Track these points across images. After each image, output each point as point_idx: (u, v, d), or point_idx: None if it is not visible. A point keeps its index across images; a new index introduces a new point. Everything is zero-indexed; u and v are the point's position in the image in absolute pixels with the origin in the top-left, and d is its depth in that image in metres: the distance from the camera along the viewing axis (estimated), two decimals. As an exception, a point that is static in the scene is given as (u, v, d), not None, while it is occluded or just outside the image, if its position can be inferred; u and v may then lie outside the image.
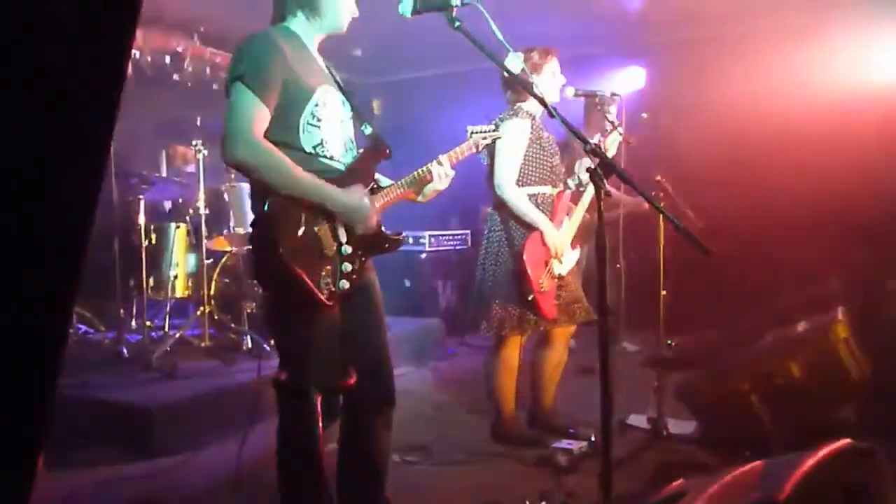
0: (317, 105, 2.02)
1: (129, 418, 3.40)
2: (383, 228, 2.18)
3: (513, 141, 3.20)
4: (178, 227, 4.66)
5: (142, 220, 4.49)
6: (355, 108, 2.25)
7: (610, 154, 3.56)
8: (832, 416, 3.02)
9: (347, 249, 2.06)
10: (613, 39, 6.40)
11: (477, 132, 2.38)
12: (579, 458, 3.08)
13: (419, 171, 2.24)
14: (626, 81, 5.41)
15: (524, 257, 3.16)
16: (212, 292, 4.51)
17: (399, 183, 2.22)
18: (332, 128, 2.07)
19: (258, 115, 1.90)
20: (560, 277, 3.32)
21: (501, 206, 3.28)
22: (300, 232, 1.94)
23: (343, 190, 2.02)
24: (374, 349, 2.24)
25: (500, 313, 3.24)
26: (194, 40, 5.56)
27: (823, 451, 2.03)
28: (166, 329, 4.71)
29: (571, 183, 3.44)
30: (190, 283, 4.66)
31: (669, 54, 6.17)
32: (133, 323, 4.75)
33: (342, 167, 2.10)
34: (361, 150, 2.19)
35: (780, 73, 5.53)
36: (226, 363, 4.12)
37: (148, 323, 4.59)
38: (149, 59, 5.31)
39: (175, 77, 5.50)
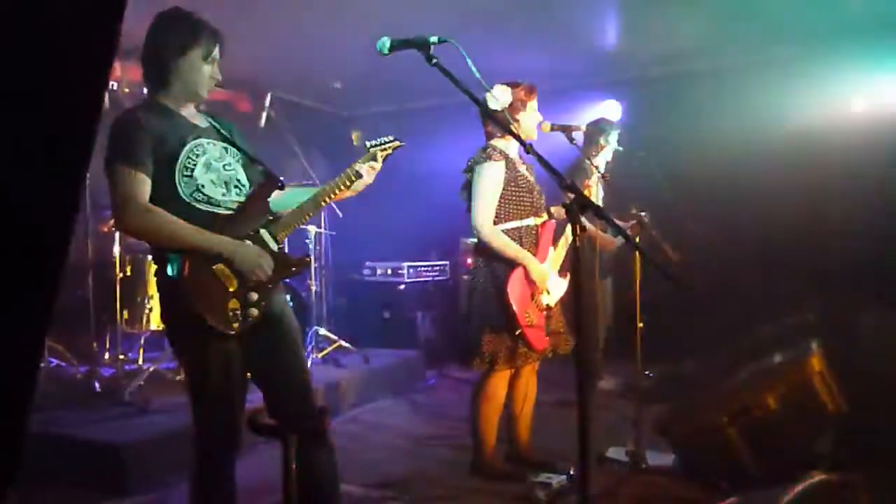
0: (188, 157, 2.17)
1: (101, 455, 3.32)
2: (286, 253, 2.33)
3: (486, 184, 3.21)
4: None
5: (116, 251, 4.45)
6: (244, 152, 2.38)
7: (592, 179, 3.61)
8: (809, 448, 3.04)
9: (251, 284, 2.17)
10: (590, 74, 6.51)
11: (375, 146, 2.50)
12: (558, 492, 3.06)
13: (341, 177, 2.37)
14: (602, 115, 5.49)
15: (508, 292, 3.15)
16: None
17: (306, 205, 2.34)
18: (208, 174, 2.21)
19: (136, 183, 2.07)
20: (548, 308, 3.32)
21: (483, 245, 3.28)
22: (199, 273, 2.08)
23: (238, 246, 2.15)
24: (292, 383, 2.31)
25: (491, 348, 3.22)
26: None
27: (801, 485, 2.04)
28: (140, 363, 4.63)
29: (556, 213, 3.47)
30: (165, 316, 4.60)
31: (646, 88, 6.29)
32: (106, 356, 4.66)
33: (223, 209, 2.22)
34: (253, 188, 2.33)
35: (756, 106, 5.64)
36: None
37: (122, 356, 4.51)
38: (126, 90, 5.29)
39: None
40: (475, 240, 3.39)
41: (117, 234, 4.47)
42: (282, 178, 2.38)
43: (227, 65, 2.31)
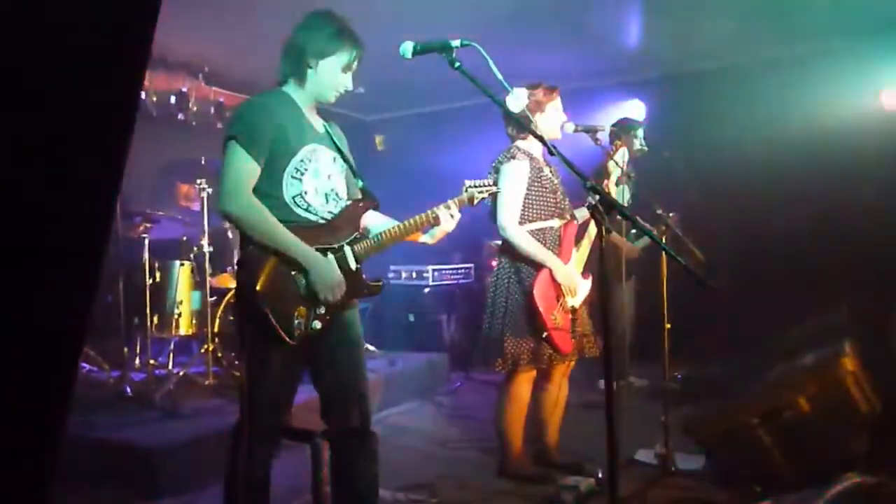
0: (301, 160, 2.21)
1: (132, 458, 3.37)
2: (363, 275, 2.33)
3: (511, 183, 3.22)
4: (182, 264, 4.67)
5: (146, 258, 4.51)
6: (350, 165, 2.42)
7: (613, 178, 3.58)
8: (842, 450, 2.98)
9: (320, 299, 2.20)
10: (613, 73, 6.47)
11: (472, 186, 2.51)
12: (586, 495, 3.03)
13: (421, 216, 2.38)
14: (626, 115, 5.45)
15: (534, 295, 3.15)
16: (216, 330, 4.51)
17: (392, 230, 2.35)
18: (314, 181, 2.25)
19: (249, 171, 2.13)
20: (573, 310, 3.31)
21: (508, 246, 3.29)
22: (278, 276, 2.12)
23: (319, 261, 2.18)
24: (349, 386, 2.33)
25: (514, 349, 3.21)
26: (199, 80, 5.62)
27: (835, 487, 2.01)
28: (170, 367, 4.69)
29: (579, 214, 3.46)
30: (194, 321, 4.66)
31: (669, 87, 6.23)
32: (137, 361, 4.73)
33: (317, 217, 2.26)
34: (349, 203, 2.37)
35: (781, 103, 5.57)
36: (229, 401, 4.09)
37: (152, 361, 4.57)
38: (154, 98, 5.36)
39: (180, 116, 5.55)
40: (499, 242, 3.39)
41: (146, 241, 4.54)
42: (377, 198, 2.44)
43: (246, 71, 2.34)
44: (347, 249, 2.28)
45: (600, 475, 3.13)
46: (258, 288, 2.08)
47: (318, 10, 2.29)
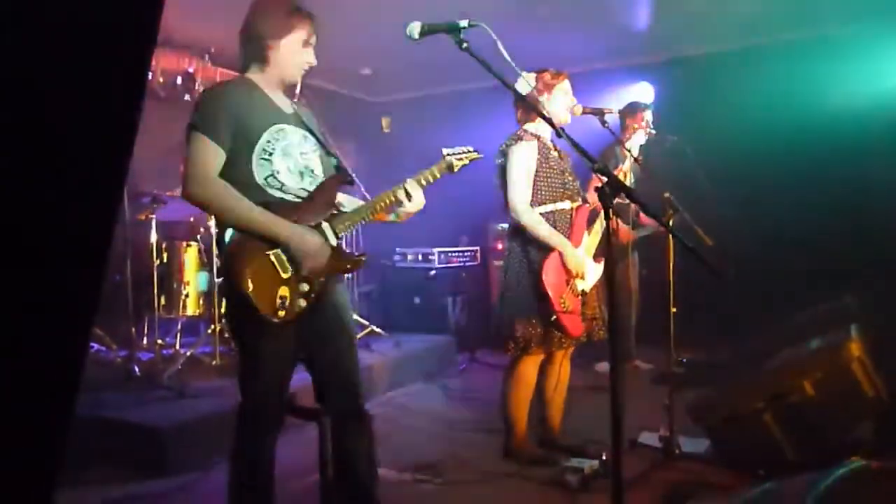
0: (268, 141, 2.21)
1: (140, 437, 3.41)
2: (344, 250, 2.33)
3: (520, 164, 3.21)
4: (189, 245, 4.69)
5: (153, 238, 4.53)
6: (321, 143, 2.41)
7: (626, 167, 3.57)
8: (847, 435, 2.99)
9: (304, 271, 2.19)
10: (621, 56, 6.42)
11: (451, 154, 2.49)
12: (590, 477, 3.05)
13: (386, 195, 2.37)
14: (634, 98, 5.41)
15: (543, 278, 3.14)
16: (222, 310, 4.53)
17: (363, 207, 2.36)
18: (285, 161, 2.24)
19: (212, 156, 2.11)
20: (583, 294, 3.31)
21: (518, 229, 3.28)
22: (255, 257, 2.11)
23: (296, 229, 2.16)
24: (342, 369, 2.35)
25: (524, 333, 3.22)
26: (205, 61, 5.61)
27: (839, 471, 2.01)
28: (177, 347, 4.73)
29: (591, 199, 3.45)
30: (201, 302, 4.69)
31: (678, 70, 6.18)
32: (145, 341, 4.77)
33: (293, 196, 2.24)
34: (324, 180, 2.34)
35: (790, 87, 5.52)
36: (236, 381, 4.12)
37: (159, 341, 4.61)
38: (161, 79, 5.36)
39: (186, 98, 5.54)
40: (505, 225, 3.39)
41: (154, 222, 4.56)
42: (352, 173, 2.42)
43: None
44: (325, 225, 2.26)
45: (604, 457, 3.15)
46: (237, 272, 2.08)
47: None
